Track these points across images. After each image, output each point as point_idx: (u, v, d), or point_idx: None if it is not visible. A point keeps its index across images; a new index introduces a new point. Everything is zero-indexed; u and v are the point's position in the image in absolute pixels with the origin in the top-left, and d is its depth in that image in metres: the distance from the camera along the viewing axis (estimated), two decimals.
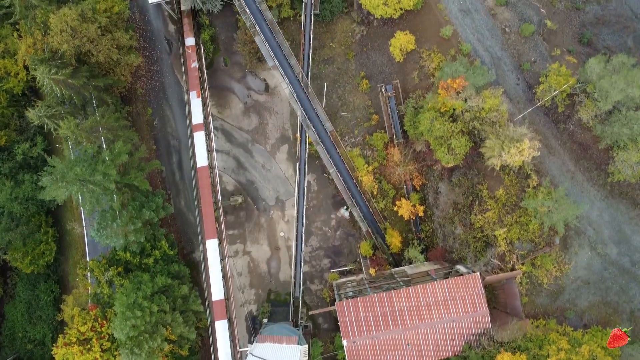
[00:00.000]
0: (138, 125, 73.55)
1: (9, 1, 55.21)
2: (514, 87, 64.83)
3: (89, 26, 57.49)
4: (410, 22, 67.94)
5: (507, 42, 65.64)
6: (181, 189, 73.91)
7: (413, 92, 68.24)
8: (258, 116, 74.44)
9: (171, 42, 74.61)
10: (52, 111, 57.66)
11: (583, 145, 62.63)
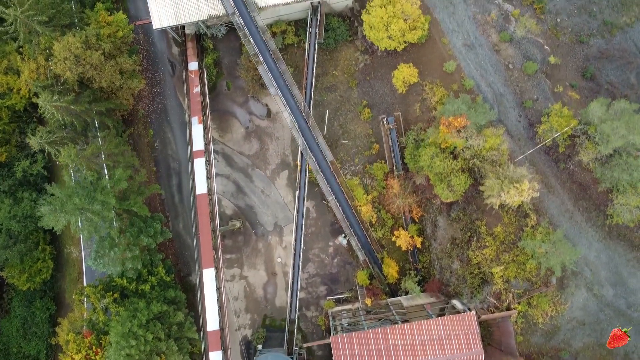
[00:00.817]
0: (139, 147, 73.58)
1: (13, 27, 55.09)
2: (516, 124, 64.86)
3: (92, 53, 57.49)
4: (414, 55, 67.97)
5: (510, 78, 65.66)
6: (180, 212, 73.90)
7: (414, 124, 68.28)
8: (259, 141, 74.46)
9: (174, 65, 74.62)
10: (53, 137, 57.62)
11: (583, 185, 62.68)
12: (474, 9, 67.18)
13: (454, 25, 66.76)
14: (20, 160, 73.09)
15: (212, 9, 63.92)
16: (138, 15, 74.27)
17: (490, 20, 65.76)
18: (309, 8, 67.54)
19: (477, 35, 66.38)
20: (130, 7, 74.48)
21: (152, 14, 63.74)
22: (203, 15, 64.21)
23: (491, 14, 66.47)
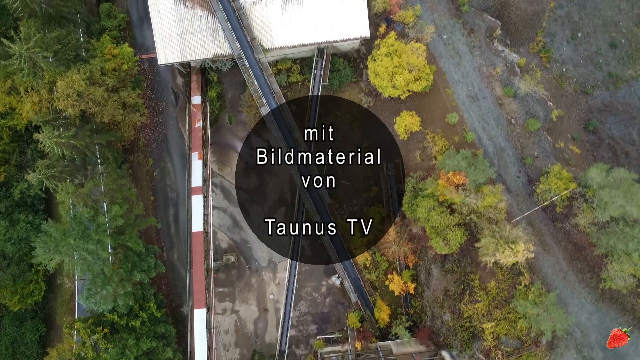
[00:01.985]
0: (138, 175, 73.57)
1: (18, 62, 55.02)
2: (515, 180, 64.81)
3: (95, 89, 57.48)
4: (417, 102, 67.91)
5: (511, 133, 65.63)
6: (175, 242, 73.85)
7: (414, 171, 68.17)
8: (258, 177, 74.42)
9: (178, 95, 74.58)
10: (52, 172, 57.57)
11: (578, 246, 62.62)
12: (480, 60, 67.15)
13: (458, 75, 66.72)
14: (18, 181, 73.11)
15: (218, 48, 63.89)
16: (144, 42, 74.22)
17: (496, 74, 65.76)
18: (315, 49, 67.51)
19: (482, 88, 66.35)
20: (137, 34, 74.42)
21: (158, 50, 63.74)
22: (209, 54, 64.19)
23: (497, 67, 66.43)
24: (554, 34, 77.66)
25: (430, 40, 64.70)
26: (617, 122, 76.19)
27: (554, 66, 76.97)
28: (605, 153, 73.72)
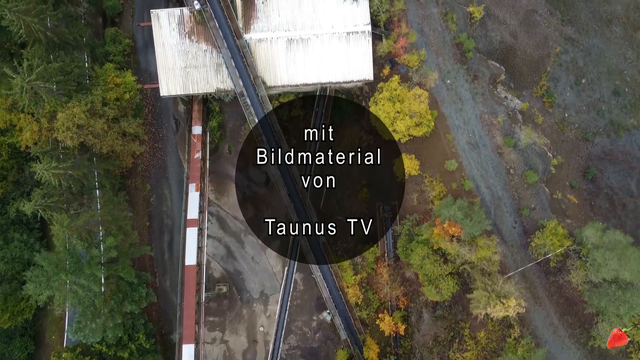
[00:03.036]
0: (134, 200, 73.47)
1: (19, 93, 54.93)
2: (510, 230, 64.81)
3: (96, 122, 57.40)
4: (417, 146, 67.82)
5: (509, 183, 65.61)
6: (168, 269, 73.78)
7: (410, 214, 68.21)
8: (255, 208, 74.35)
9: (179, 122, 74.49)
10: (48, 202, 57.51)
11: (570, 300, 62.66)
12: (482, 108, 67.13)
13: (460, 121, 66.70)
14: (15, 198, 73.07)
15: (221, 83, 63.88)
16: (148, 67, 74.04)
17: (497, 123, 65.73)
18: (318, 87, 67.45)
19: (482, 135, 66.34)
20: (142, 59, 74.29)
21: (161, 81, 63.76)
22: (211, 88, 64.19)
23: (498, 117, 66.44)
24: (558, 79, 77.57)
25: (434, 86, 64.60)
26: (616, 171, 76.04)
27: (556, 111, 76.84)
28: (602, 203, 73.59)
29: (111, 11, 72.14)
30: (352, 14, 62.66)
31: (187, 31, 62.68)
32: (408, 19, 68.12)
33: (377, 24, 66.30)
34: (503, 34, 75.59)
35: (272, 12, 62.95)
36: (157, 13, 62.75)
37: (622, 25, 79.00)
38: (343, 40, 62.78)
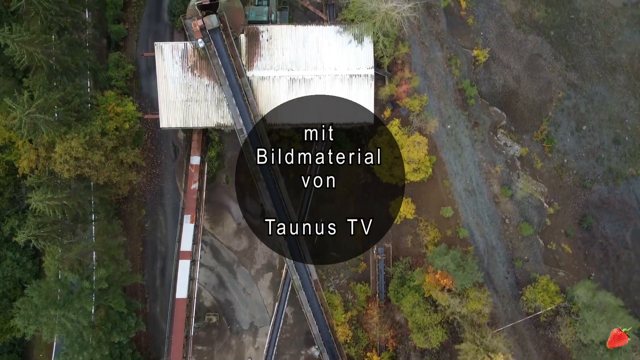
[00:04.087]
0: (129, 225, 73.43)
1: (18, 124, 54.90)
2: (502, 280, 64.83)
3: (93, 154, 57.35)
4: (414, 189, 67.83)
5: (504, 233, 65.63)
6: (159, 295, 73.77)
7: (404, 256, 68.24)
8: (249, 239, 74.35)
9: (178, 149, 74.43)
10: (41, 232, 57.47)
11: (558, 356, 62.71)
12: (481, 155, 67.14)
13: (458, 167, 66.70)
14: (10, 215, 73.00)
15: (221, 118, 63.86)
16: (150, 93, 73.86)
17: (495, 172, 65.72)
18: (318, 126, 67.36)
19: (480, 183, 66.35)
20: (144, 84, 74.18)
21: (161, 113, 63.69)
22: (211, 122, 64.16)
23: (497, 166, 66.43)
24: (559, 124, 77.56)
25: (434, 132, 64.60)
26: (612, 221, 76.03)
27: (555, 156, 76.83)
28: (596, 253, 73.61)
29: (116, 36, 72.08)
30: (355, 57, 62.64)
31: (190, 65, 62.65)
32: (412, 62, 68.15)
33: (381, 65, 66.31)
34: (506, 78, 75.64)
35: (276, 51, 62.92)
36: (160, 46, 62.69)
37: (626, 74, 79.05)
38: (345, 82, 62.76)
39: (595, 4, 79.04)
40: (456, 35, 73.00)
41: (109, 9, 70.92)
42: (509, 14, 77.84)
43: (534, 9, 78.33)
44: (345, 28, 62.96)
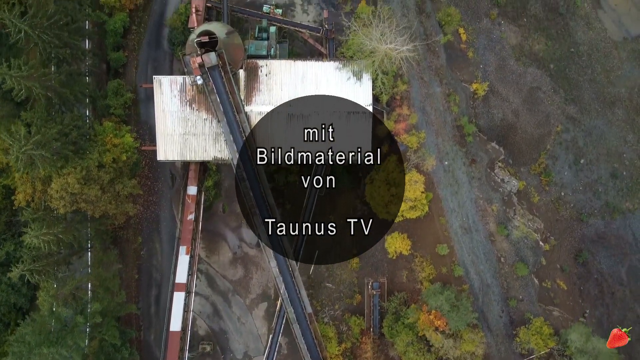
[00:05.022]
0: (125, 252, 73.38)
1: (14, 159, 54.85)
2: (497, 319, 64.85)
3: (90, 189, 57.32)
4: (411, 225, 67.81)
5: (499, 271, 65.66)
6: (154, 323, 73.72)
7: (399, 291, 68.24)
8: (244, 268, 74.33)
9: (175, 177, 74.41)
10: (36, 266, 57.44)
11: None
12: (478, 193, 67.16)
13: (454, 204, 66.72)
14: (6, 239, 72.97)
15: (219, 152, 63.85)
16: (148, 120, 73.71)
17: (491, 211, 65.74)
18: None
19: (476, 220, 66.36)
20: (142, 111, 74.14)
21: (159, 146, 63.63)
22: (209, 156, 64.14)
23: (493, 204, 66.49)
24: (557, 157, 77.59)
25: (431, 170, 64.58)
26: (608, 256, 76.06)
27: (553, 189, 76.86)
28: (592, 289, 73.65)
29: (115, 63, 72.05)
30: (354, 94, 62.60)
31: (189, 99, 62.62)
32: (410, 97, 68.14)
33: (379, 100, 66.26)
34: (505, 112, 75.67)
35: (274, 86, 62.90)
36: (159, 79, 62.65)
37: (625, 108, 79.16)
38: (343, 119, 62.73)
39: (595, 37, 79.12)
40: (456, 69, 73.04)
41: (109, 37, 70.93)
42: (509, 46, 77.93)
43: (534, 41, 78.41)
44: (344, 64, 62.91)
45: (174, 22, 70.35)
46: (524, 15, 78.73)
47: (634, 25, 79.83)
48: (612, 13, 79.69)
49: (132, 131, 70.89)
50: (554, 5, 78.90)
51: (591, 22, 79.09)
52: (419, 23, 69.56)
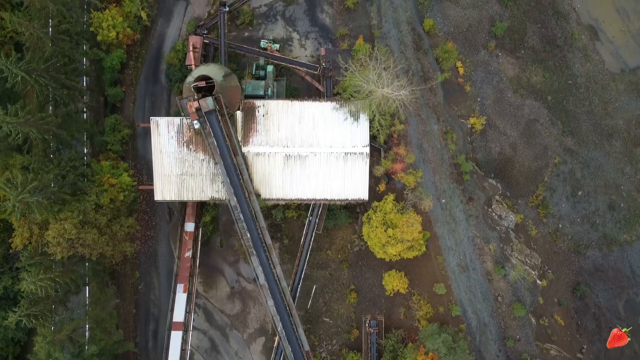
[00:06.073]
0: (122, 287, 73.41)
1: (11, 207, 54.88)
2: (494, 359, 64.85)
3: (87, 234, 57.34)
4: (408, 264, 67.84)
5: (497, 310, 65.69)
6: (152, 358, 73.72)
7: (396, 328, 68.26)
8: (242, 303, 74.34)
9: (173, 212, 74.38)
10: (33, 310, 57.44)
11: None
12: (475, 231, 67.18)
13: (452, 242, 66.73)
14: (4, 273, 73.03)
15: (216, 192, 63.88)
16: (146, 155, 73.52)
17: (488, 250, 65.77)
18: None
19: (473, 259, 66.39)
20: (140, 145, 74.09)
21: (156, 187, 63.68)
22: (206, 196, 64.17)
23: (490, 244, 66.48)
24: (555, 189, 77.57)
25: (428, 210, 64.61)
26: (606, 289, 76.08)
27: (550, 221, 76.86)
28: (589, 324, 73.69)
29: (113, 98, 72.08)
30: (351, 135, 62.64)
31: (186, 140, 62.65)
32: (408, 134, 68.20)
33: (377, 138, 66.28)
34: (503, 145, 75.65)
35: (272, 126, 62.94)
36: (156, 121, 62.68)
37: (622, 140, 79.12)
38: (341, 160, 62.77)
39: (593, 69, 79.10)
40: (453, 104, 73.05)
41: (107, 73, 70.95)
42: (506, 78, 77.90)
43: (532, 73, 78.39)
44: (341, 105, 62.96)
45: (172, 60, 70.35)
46: (522, 47, 78.71)
47: (631, 58, 79.78)
48: (609, 45, 79.67)
49: (129, 167, 71.20)
50: (551, 37, 78.87)
51: (589, 54, 79.06)
52: (417, 60, 69.61)
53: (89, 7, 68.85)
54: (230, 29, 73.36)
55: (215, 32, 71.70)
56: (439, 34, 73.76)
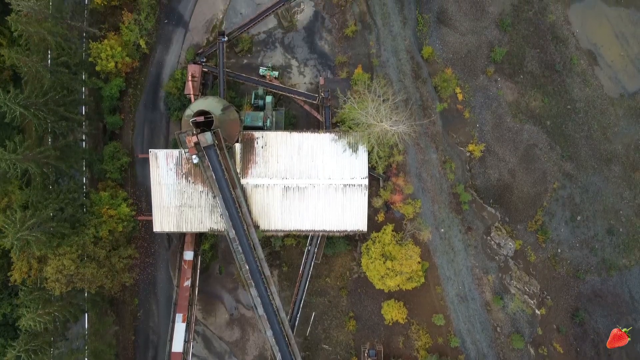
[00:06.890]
0: (121, 314, 73.39)
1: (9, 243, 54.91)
2: None
3: (85, 269, 57.35)
4: (407, 294, 67.76)
5: (495, 341, 65.71)
6: None
7: (395, 357, 68.26)
8: (241, 330, 74.34)
9: (172, 239, 74.36)
10: (32, 345, 57.44)
11: None
12: (474, 261, 67.19)
13: (450, 272, 66.74)
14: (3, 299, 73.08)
15: (215, 224, 63.89)
16: (145, 182, 73.40)
17: (487, 281, 65.79)
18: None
19: (472, 289, 66.39)
20: (139, 172, 74.00)
21: (155, 218, 63.70)
22: (205, 227, 64.18)
23: (489, 275, 66.49)
24: (554, 214, 77.58)
25: (427, 241, 64.61)
26: (605, 315, 76.12)
27: (549, 246, 76.88)
28: (588, 350, 73.71)
29: (112, 126, 72.06)
30: (350, 166, 62.66)
31: (185, 172, 62.67)
32: (407, 163, 68.18)
33: (375, 169, 66.24)
34: (501, 171, 75.65)
35: (270, 158, 62.94)
36: (155, 153, 62.73)
37: (621, 165, 79.13)
38: (339, 191, 62.79)
39: (592, 94, 79.12)
40: (452, 131, 73.06)
41: (105, 101, 70.95)
42: (505, 103, 77.89)
43: (530, 98, 78.38)
44: (340, 136, 62.98)
45: (170, 89, 70.34)
46: (521, 72, 78.71)
47: (630, 82, 79.79)
48: (608, 70, 79.69)
49: (128, 194, 71.17)
50: (550, 62, 78.88)
51: (588, 79, 79.07)
52: (416, 89, 69.61)
53: (88, 37, 68.81)
54: (229, 56, 73.32)
55: (214, 60, 71.69)
56: (437, 61, 73.74)
